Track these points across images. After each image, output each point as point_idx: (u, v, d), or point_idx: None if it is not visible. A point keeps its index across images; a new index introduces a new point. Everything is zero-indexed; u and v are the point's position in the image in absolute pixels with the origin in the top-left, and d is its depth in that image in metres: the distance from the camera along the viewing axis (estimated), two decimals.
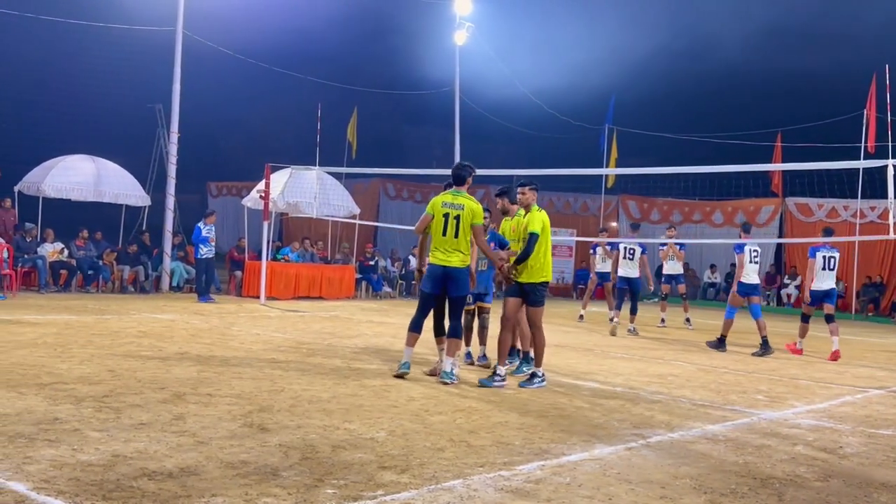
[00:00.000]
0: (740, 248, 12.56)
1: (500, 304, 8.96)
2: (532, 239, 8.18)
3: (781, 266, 26.66)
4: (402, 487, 4.51)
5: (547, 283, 8.38)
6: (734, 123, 30.37)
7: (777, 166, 21.60)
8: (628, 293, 15.22)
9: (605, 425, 6.49)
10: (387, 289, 21.85)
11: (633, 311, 15.10)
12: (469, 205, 8.21)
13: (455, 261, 8.13)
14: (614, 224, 28.93)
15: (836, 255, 12.49)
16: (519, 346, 9.35)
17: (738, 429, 6.72)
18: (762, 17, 35.17)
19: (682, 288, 16.94)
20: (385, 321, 14.70)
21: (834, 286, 12.52)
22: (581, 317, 17.13)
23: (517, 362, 9.35)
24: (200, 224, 17.10)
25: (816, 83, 33.06)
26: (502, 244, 9.16)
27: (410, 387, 7.71)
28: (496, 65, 27.52)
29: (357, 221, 22.11)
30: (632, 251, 15.25)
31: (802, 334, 12.76)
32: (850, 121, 23.67)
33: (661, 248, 17.31)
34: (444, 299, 8.28)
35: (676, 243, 16.76)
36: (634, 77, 33.57)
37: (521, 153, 37.46)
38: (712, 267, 27.28)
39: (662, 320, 16.60)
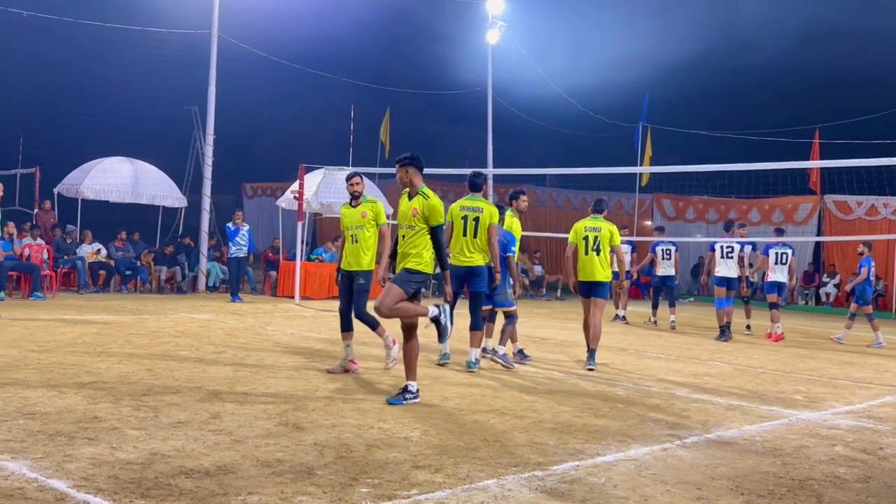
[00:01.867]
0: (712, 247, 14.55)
1: (546, 307, 8.96)
2: (442, 229, 7.05)
3: (820, 265, 26.26)
4: (436, 487, 4.52)
5: (421, 273, 7.01)
6: (771, 120, 30.00)
7: (815, 163, 21.31)
8: (664, 291, 16.37)
9: (641, 426, 6.44)
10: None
11: (672, 305, 16.16)
12: (487, 207, 9.00)
13: (477, 259, 8.87)
14: (649, 223, 28.71)
15: (789, 251, 14.41)
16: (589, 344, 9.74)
17: (775, 429, 6.63)
18: (799, 13, 34.67)
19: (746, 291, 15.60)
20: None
21: (784, 280, 14.39)
22: (619, 317, 17.05)
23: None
24: (229, 224, 17.32)
25: (855, 79, 32.54)
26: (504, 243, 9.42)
27: (444, 387, 7.71)
28: (529, 63, 27.45)
29: (390, 221, 22.17)
30: (668, 251, 16.01)
31: (775, 320, 14.32)
32: (889, 117, 23.27)
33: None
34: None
35: (748, 243, 15.27)
36: (669, 74, 33.25)
37: (554, 152, 37.36)
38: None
39: (748, 327, 15.34)
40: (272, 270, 19.55)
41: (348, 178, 8.81)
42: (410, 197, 7.07)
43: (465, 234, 8.91)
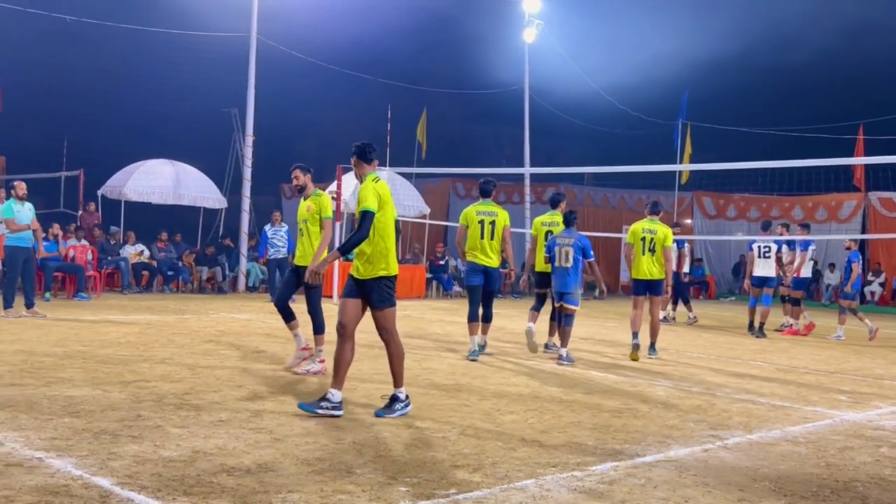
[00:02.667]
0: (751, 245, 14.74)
1: (585, 305, 9.00)
2: (365, 217, 6.26)
3: (865, 263, 25.76)
4: (474, 486, 4.52)
5: (392, 277, 6.39)
6: (814, 116, 29.46)
7: (859, 160, 20.91)
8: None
9: (681, 426, 6.38)
10: (457, 288, 21.90)
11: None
12: (501, 212, 9.83)
13: (494, 261, 9.70)
14: (689, 221, 28.41)
15: (774, 246, 14.43)
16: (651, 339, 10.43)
17: (819, 430, 6.53)
18: (843, 8, 34.04)
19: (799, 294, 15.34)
20: (456, 320, 14.73)
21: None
22: (664, 318, 16.94)
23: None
24: (266, 227, 17.48)
25: None
26: None
27: (482, 386, 7.71)
28: (566, 61, 27.30)
29: (427, 221, 22.23)
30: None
31: (795, 316, 14.94)
32: None
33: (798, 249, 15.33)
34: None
35: (786, 242, 15.09)
36: (709, 70, 32.84)
37: (592, 150, 37.12)
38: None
39: (783, 325, 15.42)
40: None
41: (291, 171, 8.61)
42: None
43: (482, 238, 9.66)
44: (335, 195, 18.01)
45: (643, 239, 10.48)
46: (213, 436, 5.30)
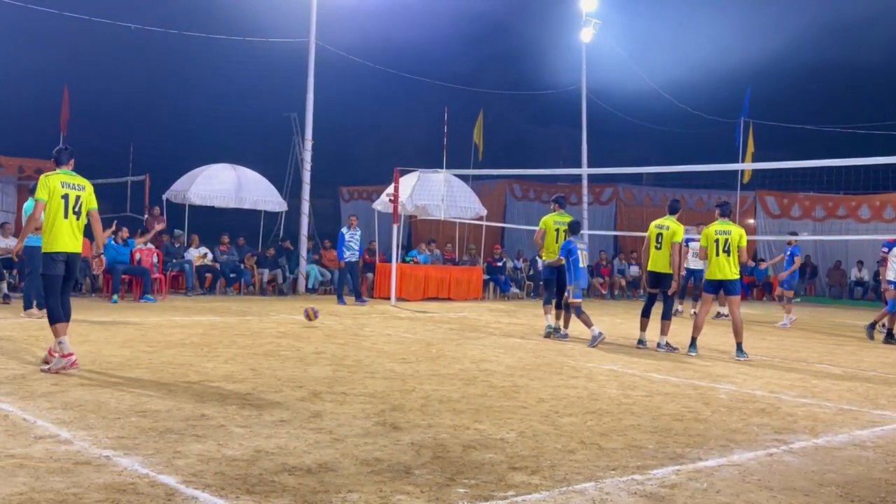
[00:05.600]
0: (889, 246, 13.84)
1: (618, 307, 8.87)
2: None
3: None
4: (532, 489, 4.50)
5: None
6: (882, 112, 28.61)
7: None
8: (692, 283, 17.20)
9: (744, 430, 6.26)
10: (514, 289, 21.85)
11: (695, 299, 16.85)
12: (566, 220, 12.18)
13: (561, 260, 11.69)
14: (751, 221, 27.86)
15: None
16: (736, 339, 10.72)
17: (887, 434, 6.33)
18: None
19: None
20: (513, 322, 14.71)
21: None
22: (718, 314, 16.68)
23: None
24: (343, 229, 17.75)
25: None
26: None
27: (539, 388, 7.68)
28: (623, 60, 27.03)
29: (484, 223, 22.22)
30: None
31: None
32: None
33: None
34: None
35: None
36: (772, 67, 32.15)
37: (651, 150, 36.66)
38: (859, 264, 25.83)
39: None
40: (369, 272, 19.87)
41: None
42: None
43: (556, 241, 12.07)
44: (391, 197, 18.12)
45: (717, 241, 10.69)
46: (274, 435, 5.38)
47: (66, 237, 7.83)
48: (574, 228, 11.82)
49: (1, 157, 20.53)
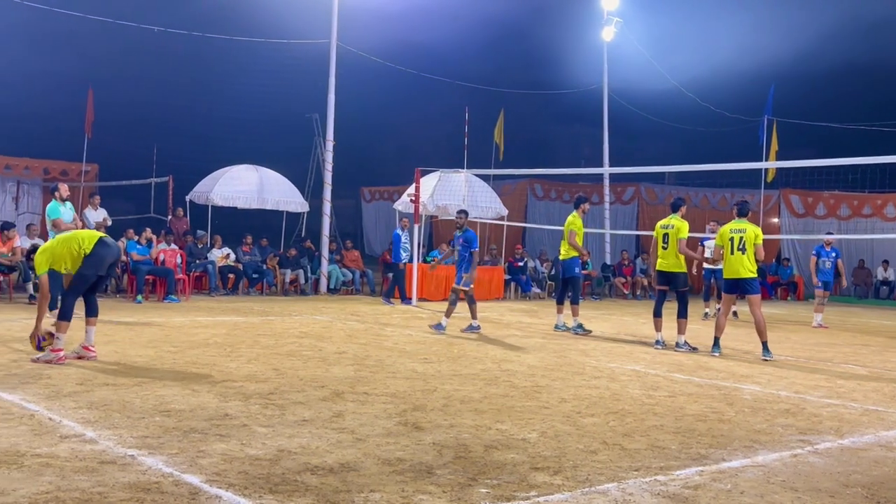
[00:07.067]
0: None
1: (639, 306, 8.85)
2: None
3: None
4: (555, 489, 4.49)
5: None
6: None
7: None
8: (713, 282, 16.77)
9: (769, 430, 6.20)
10: (536, 289, 21.79)
11: (718, 297, 16.60)
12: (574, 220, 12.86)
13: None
14: (775, 220, 27.60)
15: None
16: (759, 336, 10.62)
17: None
18: None
19: None
20: (534, 322, 14.68)
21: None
22: (736, 314, 16.57)
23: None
24: (397, 230, 17.95)
25: None
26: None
27: (561, 388, 7.66)
28: (645, 59, 26.88)
29: (505, 223, 22.18)
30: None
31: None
32: None
33: None
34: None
35: None
36: (796, 64, 31.81)
37: (673, 149, 36.49)
38: (884, 263, 25.52)
39: None
40: (390, 272, 19.90)
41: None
42: None
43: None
44: (412, 197, 18.14)
45: (731, 239, 10.67)
46: (297, 435, 5.41)
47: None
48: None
49: (27, 159, 20.81)
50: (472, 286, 12.63)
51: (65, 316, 7.92)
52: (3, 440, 4.96)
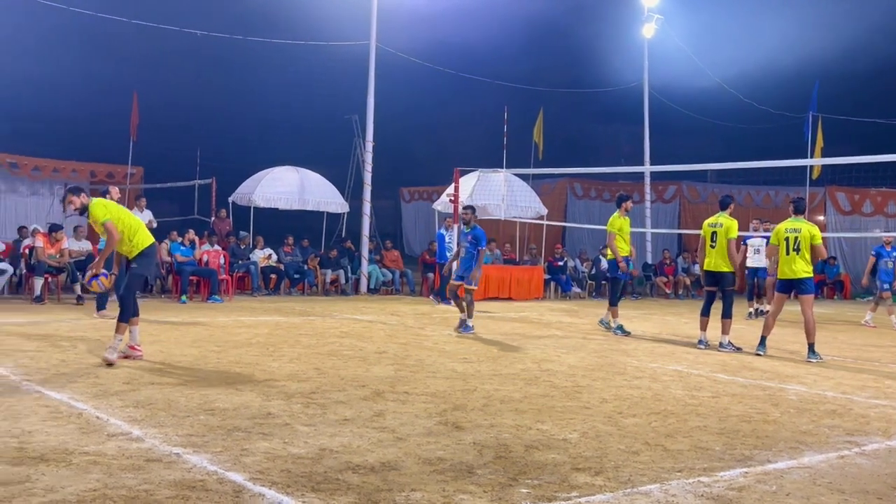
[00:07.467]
0: None
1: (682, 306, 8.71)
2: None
3: None
4: (596, 490, 4.47)
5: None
6: None
7: None
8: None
9: (815, 432, 6.10)
10: (576, 289, 21.67)
11: (761, 296, 16.38)
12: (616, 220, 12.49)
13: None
14: (821, 218, 27.11)
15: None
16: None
17: None
18: None
19: None
20: (574, 322, 14.60)
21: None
22: (756, 312, 16.34)
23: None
24: (442, 230, 17.98)
25: None
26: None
27: (602, 388, 7.61)
28: (687, 55, 26.58)
29: (545, 222, 22.09)
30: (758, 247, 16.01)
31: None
32: None
33: None
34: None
35: None
36: (841, 60, 31.20)
37: (716, 146, 36.03)
38: None
39: None
40: (429, 272, 19.93)
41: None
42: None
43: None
44: (451, 197, 18.16)
45: (786, 239, 10.47)
46: (338, 434, 5.44)
47: None
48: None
49: (74, 162, 21.23)
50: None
51: (125, 317, 8.07)
52: (52, 438, 5.07)
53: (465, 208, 12.69)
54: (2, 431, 5.18)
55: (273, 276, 18.65)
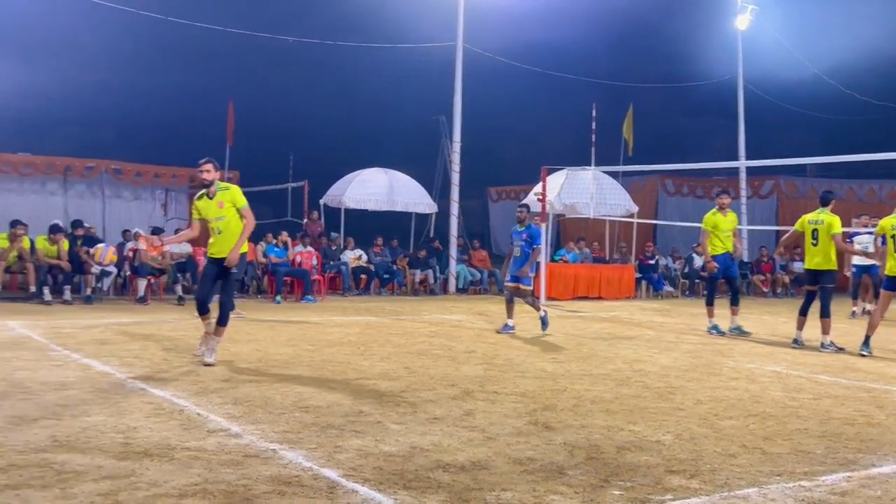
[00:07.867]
0: None
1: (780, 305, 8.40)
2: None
3: None
4: (691, 493, 4.37)
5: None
6: None
7: None
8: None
9: None
10: (668, 288, 21.26)
11: (875, 295, 15.38)
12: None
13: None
14: None
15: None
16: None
17: None
18: None
19: None
20: (667, 321, 14.32)
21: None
22: (857, 312, 15.67)
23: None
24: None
25: None
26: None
27: (697, 389, 7.44)
28: (783, 46, 25.72)
29: (635, 220, 21.74)
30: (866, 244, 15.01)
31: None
32: None
33: None
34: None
35: None
36: None
37: (815, 139, 34.71)
38: None
39: None
40: None
41: (198, 165, 8.14)
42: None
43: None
44: (539, 196, 18.06)
45: (894, 236, 10.09)
46: (428, 433, 5.49)
47: None
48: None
49: (174, 167, 21.98)
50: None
51: (224, 321, 8.20)
52: (155, 434, 5.27)
53: (519, 206, 12.02)
54: (108, 427, 5.41)
55: (363, 276, 18.94)
